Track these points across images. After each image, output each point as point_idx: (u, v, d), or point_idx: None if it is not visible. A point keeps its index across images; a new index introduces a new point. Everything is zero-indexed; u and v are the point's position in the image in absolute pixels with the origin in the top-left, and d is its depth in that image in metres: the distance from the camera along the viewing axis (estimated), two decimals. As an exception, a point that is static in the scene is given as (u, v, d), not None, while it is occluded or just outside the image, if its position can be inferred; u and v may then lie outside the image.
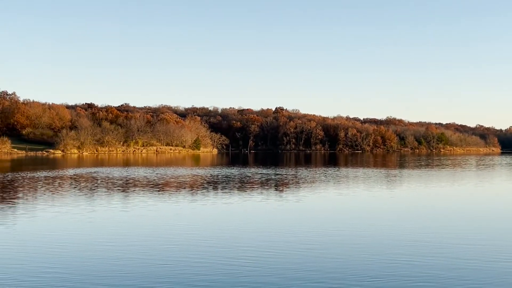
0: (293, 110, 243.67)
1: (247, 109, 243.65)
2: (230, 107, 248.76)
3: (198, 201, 24.19)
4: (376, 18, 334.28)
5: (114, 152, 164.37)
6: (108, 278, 10.14)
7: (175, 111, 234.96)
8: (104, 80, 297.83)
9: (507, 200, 27.03)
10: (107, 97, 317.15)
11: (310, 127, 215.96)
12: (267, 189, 30.86)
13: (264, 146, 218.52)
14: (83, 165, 68.60)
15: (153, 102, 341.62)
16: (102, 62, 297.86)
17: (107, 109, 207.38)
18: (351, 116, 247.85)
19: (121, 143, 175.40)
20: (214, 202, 23.70)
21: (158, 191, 29.24)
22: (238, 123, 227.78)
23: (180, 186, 32.62)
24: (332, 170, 54.46)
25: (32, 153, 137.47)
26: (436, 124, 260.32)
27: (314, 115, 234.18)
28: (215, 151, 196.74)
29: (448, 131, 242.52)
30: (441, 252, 12.86)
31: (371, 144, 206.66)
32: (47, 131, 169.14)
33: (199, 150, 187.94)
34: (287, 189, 30.90)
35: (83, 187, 31.16)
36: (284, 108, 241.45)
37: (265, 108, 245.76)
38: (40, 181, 36.13)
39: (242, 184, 34.37)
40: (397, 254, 12.60)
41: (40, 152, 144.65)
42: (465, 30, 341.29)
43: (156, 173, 46.54)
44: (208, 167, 63.79)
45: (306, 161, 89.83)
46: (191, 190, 29.93)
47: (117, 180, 37.75)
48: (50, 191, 28.71)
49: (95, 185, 33.05)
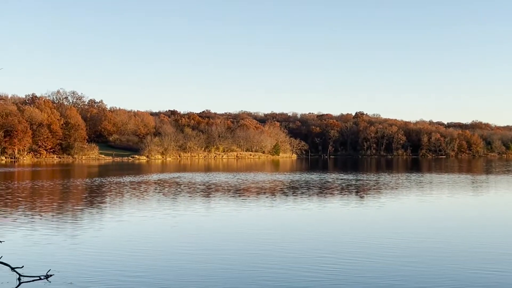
0: (373, 115, 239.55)
1: (326, 114, 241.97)
2: (309, 113, 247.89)
3: (278, 206, 24.07)
4: (455, 18, 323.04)
5: (196, 157, 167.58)
6: (193, 282, 10.16)
7: (255, 116, 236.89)
8: (186, 87, 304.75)
9: None
10: (189, 103, 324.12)
11: (391, 132, 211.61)
12: (348, 195, 30.32)
13: (343, 152, 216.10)
14: (167, 170, 70.27)
15: (233, 108, 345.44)
16: (184, 70, 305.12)
17: (189, 115, 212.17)
18: (434, 121, 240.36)
19: (203, 148, 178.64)
20: (293, 207, 23.50)
21: (239, 196, 29.39)
22: (318, 128, 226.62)
23: (261, 191, 32.66)
24: (415, 175, 52.92)
25: (118, 159, 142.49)
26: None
27: (395, 119, 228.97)
28: (294, 156, 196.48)
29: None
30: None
31: (455, 149, 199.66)
32: (133, 138, 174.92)
33: (278, 155, 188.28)
34: (368, 195, 30.24)
35: (167, 192, 31.82)
36: (365, 113, 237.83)
37: (344, 113, 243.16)
38: (126, 186, 37.25)
39: (322, 189, 33.98)
40: (483, 266, 11.93)
41: (126, 158, 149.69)
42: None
43: (237, 178, 46.91)
44: (287, 172, 63.68)
45: (388, 166, 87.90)
46: (271, 195, 29.89)
47: (199, 185, 38.32)
48: (135, 195, 29.50)
49: (178, 190, 33.68)
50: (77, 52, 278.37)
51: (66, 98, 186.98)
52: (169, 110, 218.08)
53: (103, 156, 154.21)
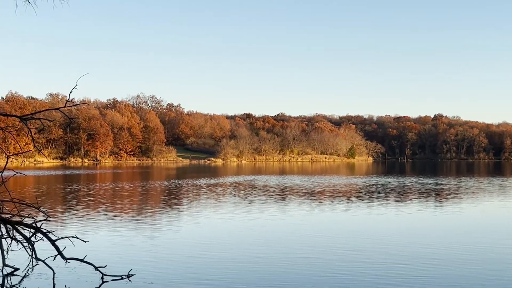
0: (453, 117, 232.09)
1: (403, 117, 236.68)
2: (386, 115, 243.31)
3: (354, 210, 23.71)
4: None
5: (271, 160, 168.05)
6: (267, 286, 10.16)
7: (330, 119, 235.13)
8: (261, 91, 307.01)
9: None
10: (264, 107, 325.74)
11: (472, 134, 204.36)
12: (426, 199, 29.45)
13: (422, 155, 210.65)
14: (242, 173, 70.90)
15: (308, 111, 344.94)
16: (259, 74, 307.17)
17: (264, 118, 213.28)
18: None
19: (277, 151, 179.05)
20: (369, 212, 23.06)
21: (314, 199, 29.20)
22: (395, 130, 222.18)
23: (336, 195, 32.32)
24: (498, 180, 50.80)
25: (195, 162, 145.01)
26: None
27: (476, 122, 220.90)
28: (370, 159, 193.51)
29: None
30: None
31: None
32: (209, 141, 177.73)
33: (354, 158, 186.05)
34: (448, 200, 29.25)
35: (242, 195, 32.08)
36: (444, 115, 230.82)
37: (423, 115, 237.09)
38: (203, 188, 37.86)
39: (401, 194, 33.19)
40: None
41: (202, 160, 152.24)
42: None
43: (312, 181, 46.69)
44: (363, 176, 62.76)
45: (469, 170, 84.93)
46: (346, 199, 29.51)
47: (274, 188, 38.41)
48: (212, 198, 29.92)
49: (254, 192, 33.88)
50: (156, 57, 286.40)
51: (146, 102, 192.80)
52: (245, 113, 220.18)
53: (180, 158, 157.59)
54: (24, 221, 10.91)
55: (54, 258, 10.67)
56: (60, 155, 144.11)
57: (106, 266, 10.64)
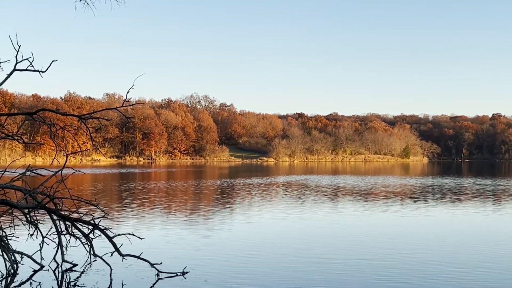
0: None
1: (460, 116, 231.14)
2: (442, 114, 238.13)
3: (408, 211, 23.28)
4: None
5: (323, 160, 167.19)
6: (322, 284, 10.12)
7: (384, 119, 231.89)
8: (314, 90, 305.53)
9: None
10: (317, 106, 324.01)
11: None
12: (484, 201, 28.63)
13: (479, 155, 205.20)
14: (294, 172, 70.83)
15: (361, 110, 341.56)
16: (312, 73, 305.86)
17: (316, 118, 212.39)
18: None
19: (330, 151, 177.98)
20: (424, 213, 22.59)
21: (367, 200, 28.86)
22: (451, 130, 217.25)
23: (390, 195, 31.84)
24: (561, 182, 48.89)
25: (247, 161, 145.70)
26: None
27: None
28: (425, 160, 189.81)
29: None
30: None
31: None
32: (261, 140, 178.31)
33: (408, 158, 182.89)
34: (507, 202, 28.35)
35: (294, 194, 32.03)
36: (502, 115, 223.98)
37: (480, 114, 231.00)
38: (255, 187, 38.01)
39: (457, 195, 32.40)
40: None
41: (255, 160, 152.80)
42: None
43: (365, 182, 46.17)
44: (418, 176, 61.60)
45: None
46: (401, 200, 29.03)
47: (327, 188, 38.18)
48: (264, 197, 30.00)
49: (306, 192, 33.77)
50: (209, 57, 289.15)
51: (199, 102, 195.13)
52: (297, 113, 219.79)
53: (233, 158, 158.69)
54: (82, 218, 11.21)
55: (111, 255, 10.93)
56: (116, 153, 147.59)
57: (161, 263, 10.82)
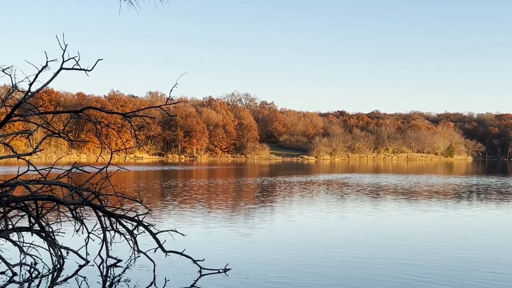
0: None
1: (505, 114, 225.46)
2: (487, 112, 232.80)
3: (453, 211, 22.85)
4: None
5: (365, 158, 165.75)
6: (364, 284, 10.04)
7: (427, 117, 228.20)
8: (355, 88, 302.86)
9: None
10: (358, 104, 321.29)
11: None
12: (533, 201, 27.84)
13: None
14: (335, 171, 70.42)
15: (404, 108, 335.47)
16: (352, 71, 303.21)
17: (358, 116, 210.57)
18: None
19: (371, 149, 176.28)
20: (470, 214, 22.13)
21: (410, 199, 28.46)
22: (496, 129, 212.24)
23: (433, 195, 31.32)
24: None
25: (288, 159, 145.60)
26: None
27: None
28: (469, 158, 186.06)
29: None
30: None
31: None
32: (302, 138, 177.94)
33: (452, 157, 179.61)
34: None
35: (335, 193, 31.84)
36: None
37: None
38: (295, 186, 37.94)
39: (501, 195, 31.63)
40: None
41: (295, 158, 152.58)
42: None
43: (408, 181, 45.54)
44: (462, 175, 60.41)
45: None
46: (444, 199, 28.52)
47: (368, 186, 37.82)
48: (304, 196, 29.92)
49: (347, 191, 33.54)
50: (250, 55, 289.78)
51: (240, 100, 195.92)
52: (338, 111, 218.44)
53: (273, 156, 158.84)
54: (127, 215, 11.40)
55: (155, 251, 11.08)
56: (159, 151, 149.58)
57: (203, 260, 10.92)
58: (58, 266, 10.81)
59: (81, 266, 11.04)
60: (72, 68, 10.11)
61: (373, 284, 10.10)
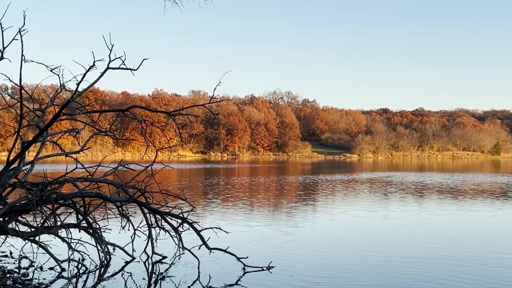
0: None
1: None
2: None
3: (498, 211, 22.32)
4: None
5: (409, 156, 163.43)
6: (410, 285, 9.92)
7: (473, 114, 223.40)
8: (399, 85, 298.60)
9: None
10: (402, 101, 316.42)
11: None
12: None
13: None
14: (378, 169, 69.67)
15: (449, 105, 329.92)
16: (397, 68, 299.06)
17: (402, 113, 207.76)
18: None
19: (416, 147, 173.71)
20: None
21: (456, 199, 27.93)
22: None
23: (479, 194, 30.64)
24: None
25: (330, 157, 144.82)
26: None
27: None
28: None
29: None
30: None
31: None
32: (344, 136, 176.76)
33: (499, 155, 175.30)
34: None
35: (378, 191, 31.51)
36: None
37: None
38: (338, 184, 37.70)
39: (553, 194, 30.70)
40: None
41: (338, 156, 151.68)
42: None
43: (453, 179, 44.70)
44: (510, 174, 58.91)
45: None
46: (491, 198, 27.87)
47: (412, 185, 37.29)
48: (347, 194, 29.72)
49: (391, 189, 33.14)
50: (292, 53, 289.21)
51: (282, 98, 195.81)
52: (381, 109, 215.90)
53: (315, 154, 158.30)
54: (171, 212, 11.56)
55: (199, 248, 11.20)
56: (201, 149, 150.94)
57: (247, 257, 10.98)
58: (105, 262, 11.03)
59: (127, 262, 11.25)
60: (119, 68, 10.29)
61: (418, 285, 9.96)
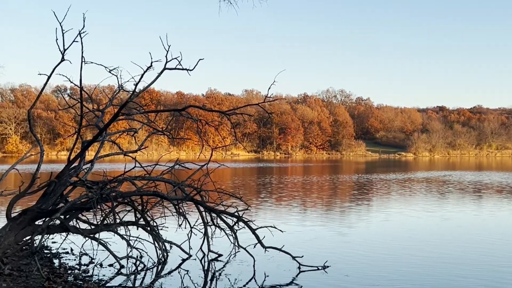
0: None
1: None
2: None
3: None
4: None
5: (466, 155, 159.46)
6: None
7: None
8: (455, 83, 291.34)
9: None
10: (459, 99, 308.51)
11: None
12: None
13: None
14: (434, 168, 68.25)
15: (508, 103, 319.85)
16: (453, 66, 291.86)
17: (459, 111, 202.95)
18: None
19: (473, 146, 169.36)
20: None
21: (517, 198, 27.07)
22: None
23: (543, 194, 29.57)
24: None
25: (384, 156, 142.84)
26: None
27: None
28: None
29: None
30: None
31: None
32: (399, 134, 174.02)
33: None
34: None
35: (435, 191, 30.86)
36: None
37: None
38: (393, 184, 37.12)
39: None
40: None
41: (392, 155, 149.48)
42: None
43: (514, 179, 43.33)
44: None
45: None
46: (556, 199, 26.85)
47: (470, 184, 36.35)
48: (402, 194, 29.23)
49: (448, 189, 32.40)
50: (345, 51, 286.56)
51: (335, 96, 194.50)
52: (437, 106, 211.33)
53: (369, 153, 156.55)
54: (227, 210, 11.66)
55: (254, 246, 11.25)
56: (254, 148, 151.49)
57: (303, 256, 10.96)
58: (163, 259, 11.23)
59: (183, 260, 11.42)
60: (175, 68, 10.44)
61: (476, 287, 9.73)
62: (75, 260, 11.29)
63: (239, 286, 9.56)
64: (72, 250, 12.12)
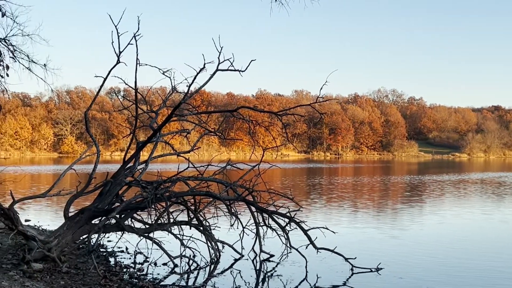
0: None
1: None
2: None
3: None
4: None
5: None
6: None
7: None
8: (511, 82, 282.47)
9: None
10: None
11: None
12: None
13: None
14: (490, 169, 66.47)
15: None
16: (506, 63, 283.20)
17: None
18: None
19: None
20: None
21: None
22: None
23: None
24: None
25: (437, 157, 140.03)
26: None
27: None
28: None
29: None
30: None
31: None
32: (453, 135, 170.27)
33: None
34: None
35: (490, 193, 30.04)
36: None
37: None
38: (446, 185, 36.33)
39: None
40: None
41: (446, 155, 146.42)
42: None
43: None
44: None
45: None
46: None
47: (529, 186, 35.23)
48: (456, 195, 28.59)
49: (504, 191, 31.49)
50: (396, 51, 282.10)
51: (386, 96, 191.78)
52: (493, 106, 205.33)
53: (422, 153, 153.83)
54: (279, 211, 11.67)
55: (306, 247, 11.22)
56: (304, 149, 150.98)
57: (356, 258, 10.87)
58: (215, 259, 11.34)
59: (236, 260, 11.50)
60: (227, 69, 10.51)
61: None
62: (130, 258, 11.52)
63: (291, 287, 9.56)
64: (127, 248, 12.37)
